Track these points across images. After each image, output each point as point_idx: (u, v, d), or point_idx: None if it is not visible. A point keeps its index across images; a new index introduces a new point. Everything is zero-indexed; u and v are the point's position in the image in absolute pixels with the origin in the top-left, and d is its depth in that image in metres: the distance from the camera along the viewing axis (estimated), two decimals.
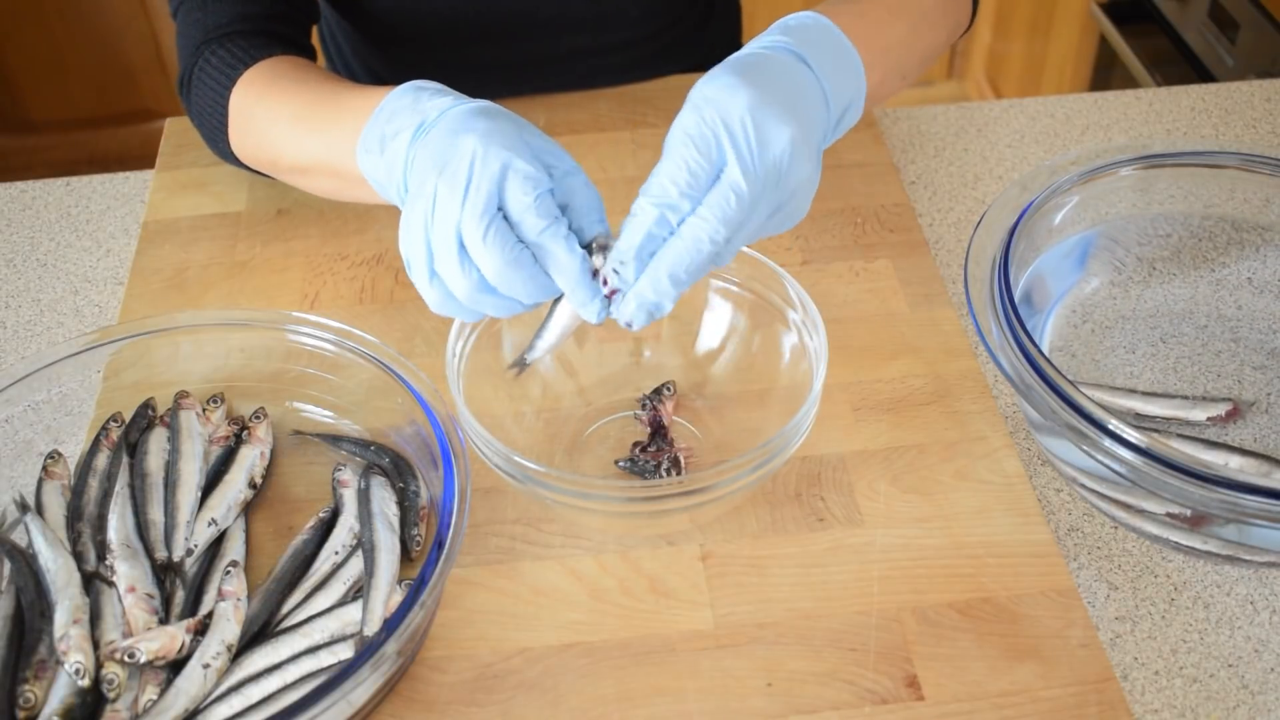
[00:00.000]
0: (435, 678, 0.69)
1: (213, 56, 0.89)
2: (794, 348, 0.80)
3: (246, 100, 0.88)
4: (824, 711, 0.67)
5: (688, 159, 0.63)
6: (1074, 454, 0.76)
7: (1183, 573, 0.75)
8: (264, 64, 0.88)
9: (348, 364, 0.79)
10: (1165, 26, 2.01)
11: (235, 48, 0.89)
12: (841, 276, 0.92)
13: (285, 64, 0.88)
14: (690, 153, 0.63)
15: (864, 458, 0.80)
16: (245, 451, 0.79)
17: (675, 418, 0.82)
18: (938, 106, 1.11)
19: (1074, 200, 0.86)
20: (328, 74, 0.87)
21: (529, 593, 0.73)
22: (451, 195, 0.63)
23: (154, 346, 0.81)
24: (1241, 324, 0.89)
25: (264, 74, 0.88)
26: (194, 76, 0.91)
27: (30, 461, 0.79)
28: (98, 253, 1.00)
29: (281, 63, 0.88)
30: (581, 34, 1.12)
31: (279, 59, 0.89)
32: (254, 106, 0.87)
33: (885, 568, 0.74)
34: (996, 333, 0.75)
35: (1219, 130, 1.08)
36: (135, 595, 0.70)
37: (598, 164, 1.03)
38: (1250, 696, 0.69)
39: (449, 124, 0.67)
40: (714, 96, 0.64)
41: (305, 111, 0.83)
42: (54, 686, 0.66)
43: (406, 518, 0.75)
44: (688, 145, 0.63)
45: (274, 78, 0.87)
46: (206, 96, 0.90)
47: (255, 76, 0.88)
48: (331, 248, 0.96)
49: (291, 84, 0.85)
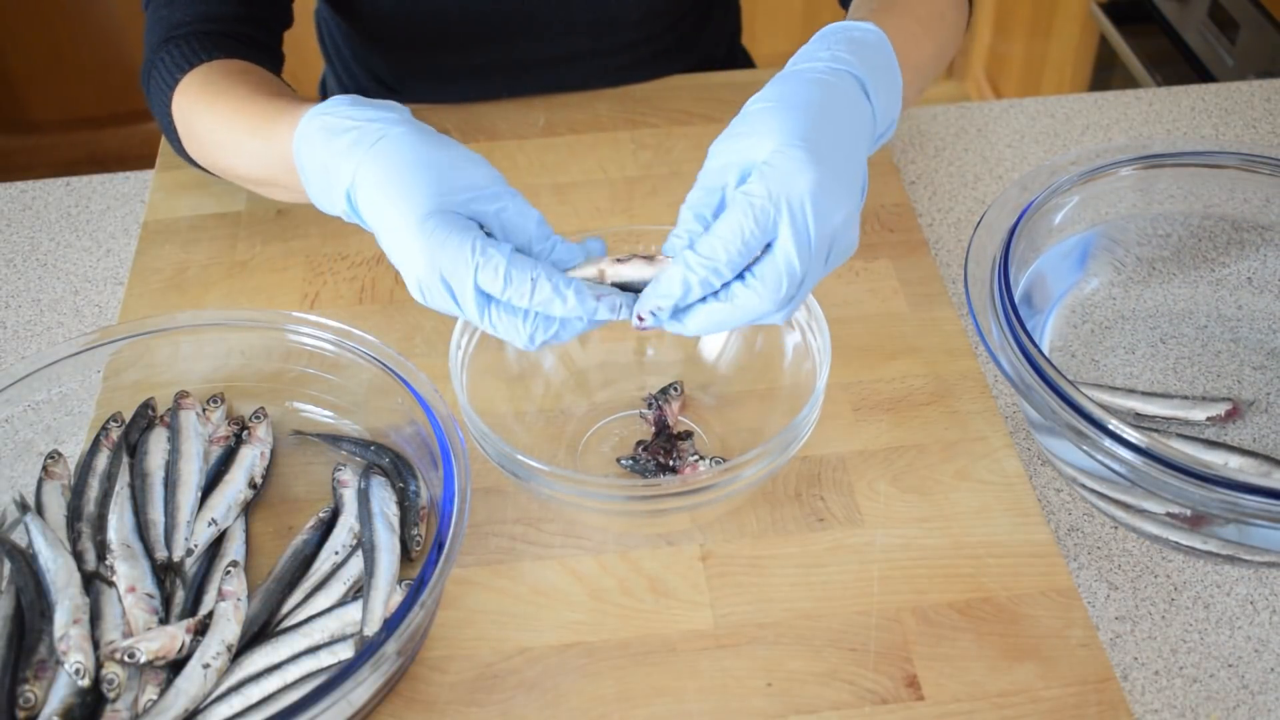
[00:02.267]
0: (435, 678, 0.69)
1: (166, 56, 0.88)
2: (797, 347, 0.80)
3: (184, 108, 0.86)
4: (824, 711, 0.67)
5: (744, 228, 0.63)
6: (1074, 454, 0.76)
7: (1183, 573, 0.75)
8: (200, 70, 0.86)
9: (348, 364, 0.79)
10: (1165, 26, 2.01)
11: (187, 49, 0.87)
12: (841, 276, 0.92)
13: (219, 70, 0.86)
14: (749, 223, 0.63)
15: (864, 458, 0.80)
16: (245, 451, 0.79)
17: (679, 416, 0.82)
18: (938, 106, 1.11)
19: (1074, 200, 0.86)
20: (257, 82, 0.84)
21: (529, 593, 0.73)
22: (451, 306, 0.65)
23: (154, 346, 0.81)
24: (1241, 324, 0.89)
25: (198, 81, 0.86)
26: (151, 76, 0.89)
27: (30, 461, 0.79)
28: (98, 253, 1.00)
29: (216, 69, 0.86)
30: (582, 35, 1.12)
31: (217, 64, 0.87)
32: (191, 117, 0.86)
33: (885, 568, 0.74)
34: (996, 333, 0.75)
35: (1219, 130, 1.08)
36: (135, 595, 0.70)
37: (598, 164, 1.03)
38: (1250, 696, 0.69)
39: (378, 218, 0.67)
40: (782, 171, 0.63)
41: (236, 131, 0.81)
42: (54, 686, 0.66)
43: (406, 518, 0.75)
44: (748, 215, 0.63)
45: (205, 87, 0.85)
46: (158, 98, 0.89)
47: (191, 83, 0.86)
48: (331, 248, 0.96)
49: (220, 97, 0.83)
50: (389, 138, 0.67)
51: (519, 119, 1.08)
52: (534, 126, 1.07)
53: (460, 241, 0.63)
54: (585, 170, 1.03)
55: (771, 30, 2.56)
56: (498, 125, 1.08)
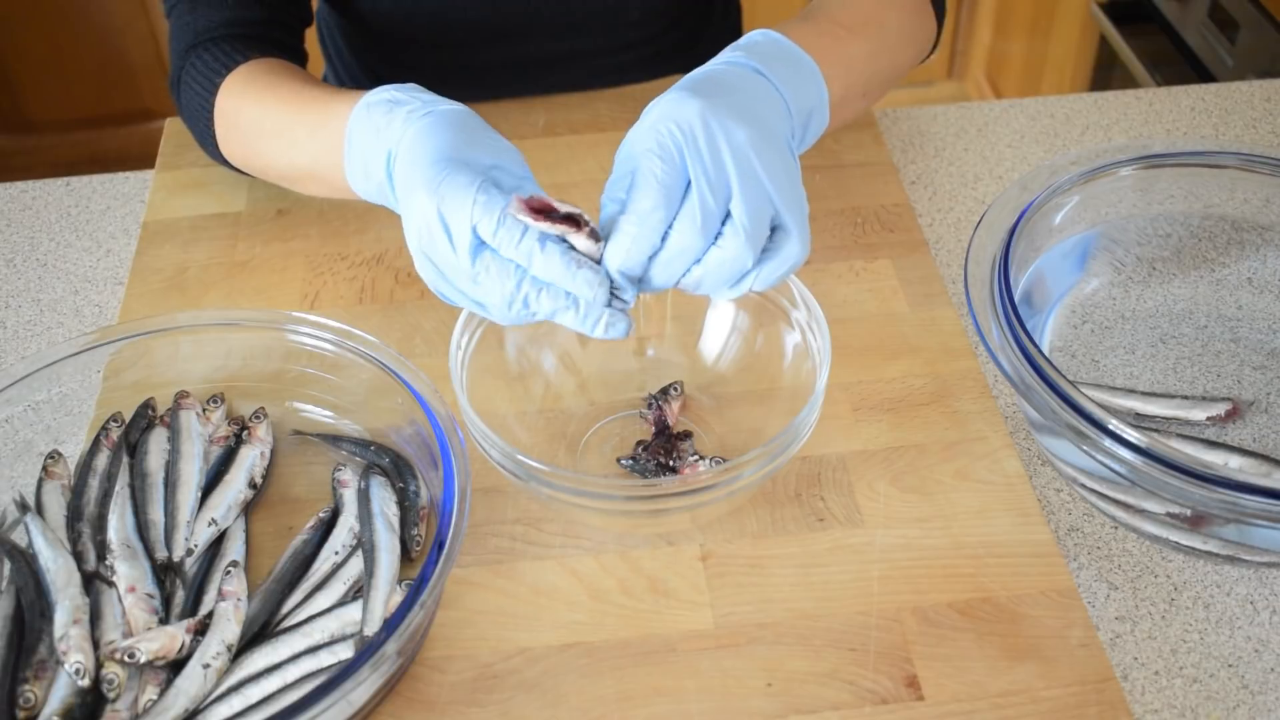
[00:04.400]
0: (435, 678, 0.69)
1: (198, 60, 0.90)
2: (797, 347, 0.80)
3: (227, 107, 0.89)
4: (824, 711, 0.67)
5: (652, 169, 0.65)
6: (1074, 454, 0.76)
7: (1183, 573, 0.75)
8: (242, 69, 0.88)
9: (348, 364, 0.79)
10: (1165, 26, 2.01)
11: (220, 52, 0.90)
12: (842, 276, 0.92)
13: (261, 68, 0.88)
14: (653, 162, 0.65)
15: (864, 458, 0.80)
16: (245, 451, 0.79)
17: (679, 416, 0.81)
18: (938, 106, 1.11)
19: (1074, 200, 0.86)
20: (303, 77, 0.87)
21: (529, 593, 0.73)
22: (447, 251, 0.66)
23: (154, 346, 0.81)
24: (1241, 324, 0.89)
25: (241, 80, 0.88)
26: (182, 81, 0.92)
27: (30, 461, 0.79)
28: (98, 253, 1.00)
29: (258, 67, 0.89)
30: (582, 35, 1.12)
31: (256, 62, 0.89)
32: (235, 115, 0.88)
33: (885, 568, 0.74)
34: (996, 333, 0.75)
35: (1219, 130, 1.08)
36: (135, 595, 0.70)
37: (598, 164, 1.03)
38: (1250, 696, 0.69)
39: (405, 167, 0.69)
40: (669, 105, 0.66)
41: (285, 121, 0.84)
42: (54, 686, 0.66)
43: (406, 518, 0.75)
44: (650, 156, 0.65)
45: (249, 84, 0.87)
46: (193, 101, 0.91)
47: (234, 82, 0.88)
48: (331, 248, 0.96)
49: (267, 91, 0.86)
50: (436, 114, 0.70)
51: (519, 119, 1.08)
52: (534, 126, 1.07)
53: (467, 180, 0.65)
54: (585, 170, 1.03)
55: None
56: (498, 125, 1.06)
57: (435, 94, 0.74)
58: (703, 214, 0.65)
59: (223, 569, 0.73)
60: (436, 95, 0.73)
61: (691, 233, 0.65)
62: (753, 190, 0.65)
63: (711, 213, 0.65)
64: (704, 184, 0.65)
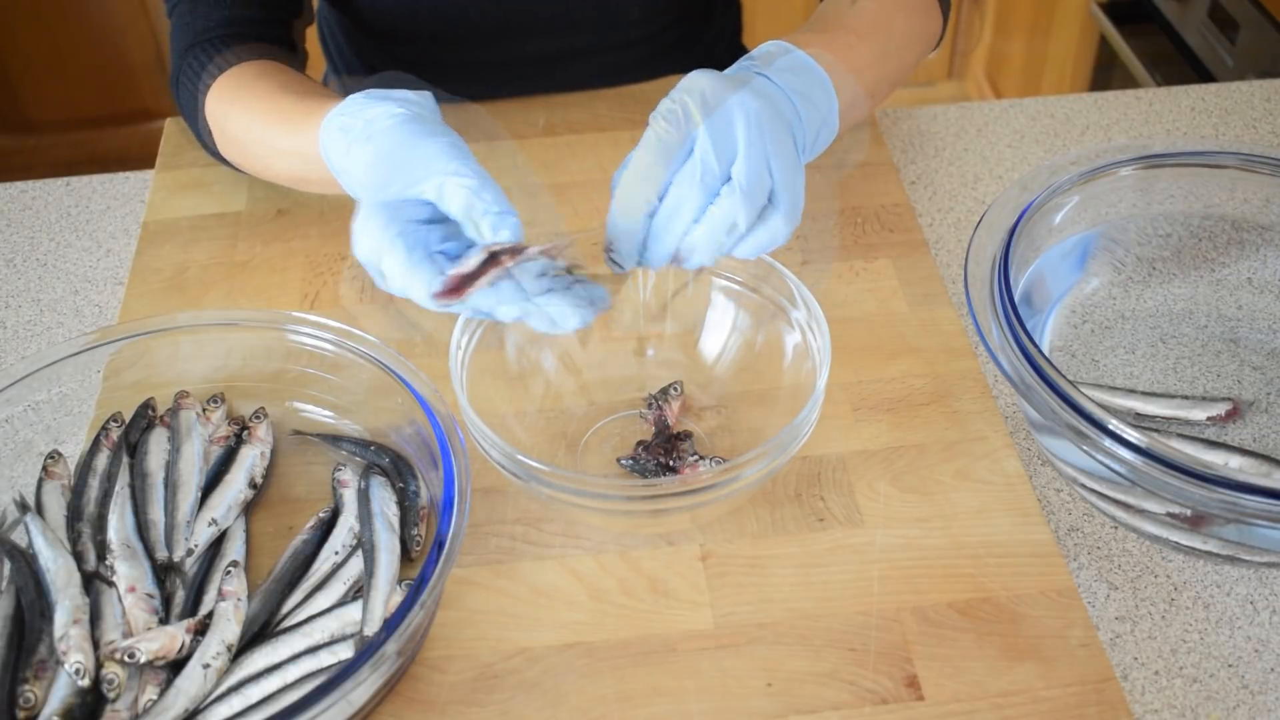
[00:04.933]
0: (435, 678, 0.69)
1: (194, 61, 0.90)
2: (797, 347, 0.80)
3: (216, 112, 0.89)
4: (824, 711, 0.67)
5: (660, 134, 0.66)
6: (1074, 454, 0.76)
7: (1183, 573, 0.75)
8: (232, 73, 0.88)
9: (348, 364, 0.79)
10: (1165, 26, 2.01)
11: (214, 53, 0.90)
12: (841, 276, 0.92)
13: (251, 72, 0.88)
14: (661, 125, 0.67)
15: (864, 458, 0.80)
16: (245, 451, 0.79)
17: (679, 416, 0.81)
18: (938, 106, 1.11)
19: (1074, 200, 0.86)
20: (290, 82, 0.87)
21: (529, 593, 0.73)
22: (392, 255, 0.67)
23: (154, 346, 0.81)
24: (1241, 324, 0.89)
25: (230, 84, 0.88)
26: (179, 81, 0.92)
27: (30, 461, 0.79)
28: (98, 253, 1.00)
29: (248, 70, 0.88)
30: (582, 34, 1.12)
31: (247, 65, 0.89)
32: (223, 120, 0.89)
33: (885, 568, 0.74)
34: (996, 333, 0.75)
35: (1219, 130, 1.08)
36: (135, 595, 0.70)
37: (598, 164, 1.03)
38: (1250, 696, 0.69)
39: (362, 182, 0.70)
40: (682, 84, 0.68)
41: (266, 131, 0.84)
42: (54, 686, 0.66)
43: (406, 518, 0.75)
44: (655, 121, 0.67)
45: (239, 89, 0.87)
46: (189, 102, 0.92)
47: (222, 87, 0.88)
48: (331, 248, 0.96)
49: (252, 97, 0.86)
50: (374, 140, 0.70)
51: (519, 118, 1.08)
52: (534, 126, 1.07)
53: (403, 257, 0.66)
54: (585, 170, 1.03)
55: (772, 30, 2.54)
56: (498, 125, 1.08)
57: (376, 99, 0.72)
58: (703, 169, 0.66)
59: (223, 569, 0.73)
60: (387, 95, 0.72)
61: (690, 185, 0.66)
62: (756, 156, 0.66)
63: (712, 170, 0.66)
64: (708, 142, 0.66)
